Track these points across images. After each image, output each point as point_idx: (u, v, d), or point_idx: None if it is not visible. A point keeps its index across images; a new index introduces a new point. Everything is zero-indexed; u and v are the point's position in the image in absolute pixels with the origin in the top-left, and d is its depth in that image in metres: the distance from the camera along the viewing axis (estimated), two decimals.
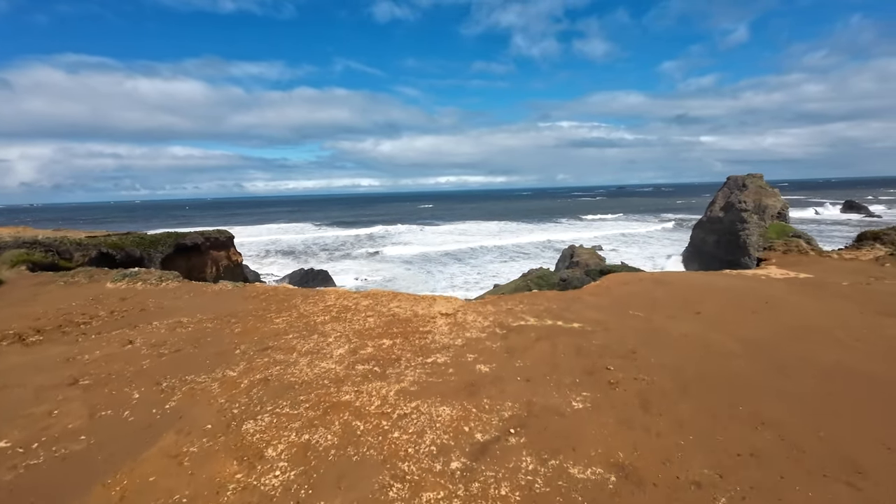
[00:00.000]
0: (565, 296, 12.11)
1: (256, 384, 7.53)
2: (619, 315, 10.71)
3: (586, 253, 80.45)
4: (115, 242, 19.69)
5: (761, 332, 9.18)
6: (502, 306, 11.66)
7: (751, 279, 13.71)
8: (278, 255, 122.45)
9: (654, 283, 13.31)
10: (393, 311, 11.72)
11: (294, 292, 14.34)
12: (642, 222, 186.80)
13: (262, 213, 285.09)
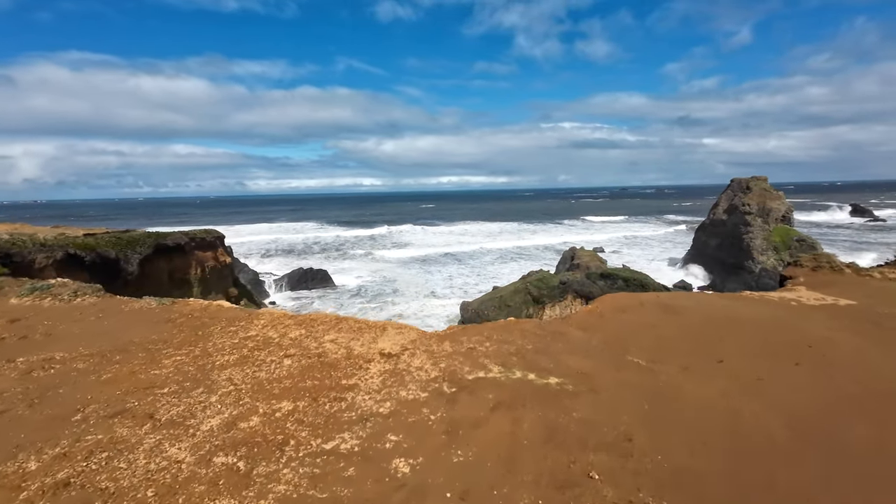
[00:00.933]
0: (546, 329, 9.28)
1: (46, 494, 4.78)
2: (613, 363, 7.84)
3: (587, 255, 77.30)
4: (85, 243, 17.10)
5: (813, 401, 6.29)
6: (463, 344, 8.82)
7: (779, 306, 10.81)
8: (279, 254, 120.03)
9: (661, 309, 10.44)
10: (322, 349, 8.91)
11: (221, 315, 11.58)
12: (644, 224, 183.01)
13: (263, 211, 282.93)
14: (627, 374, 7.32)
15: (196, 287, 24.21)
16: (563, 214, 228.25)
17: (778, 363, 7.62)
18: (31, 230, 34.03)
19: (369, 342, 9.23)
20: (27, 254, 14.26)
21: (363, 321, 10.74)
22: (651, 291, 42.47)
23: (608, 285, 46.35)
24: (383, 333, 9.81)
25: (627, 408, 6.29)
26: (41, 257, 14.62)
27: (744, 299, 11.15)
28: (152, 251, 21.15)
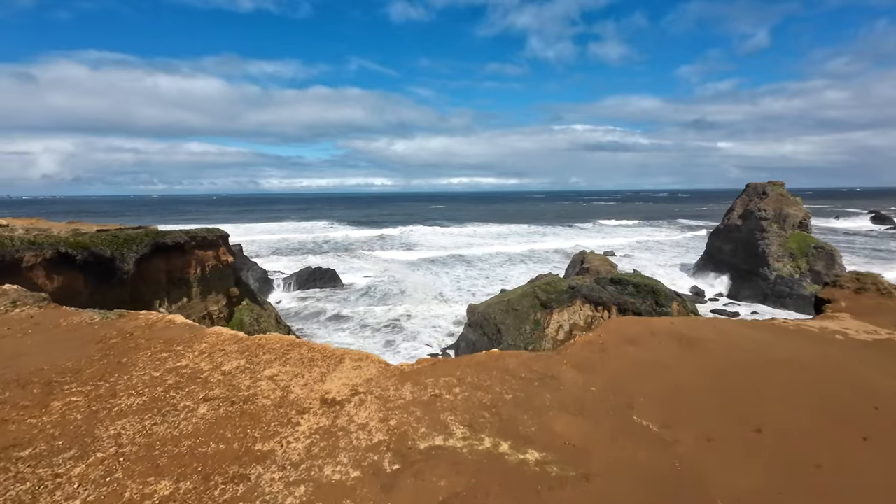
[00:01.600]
0: (534, 368, 7.35)
1: None
2: (615, 428, 5.86)
3: (597, 259, 74.74)
4: (77, 241, 15.66)
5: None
6: (427, 389, 6.92)
7: (822, 341, 8.68)
8: (288, 253, 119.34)
9: (676, 342, 8.42)
10: (254, 390, 7.09)
11: (163, 336, 9.86)
12: (656, 228, 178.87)
13: (275, 210, 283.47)
14: (632, 448, 5.34)
15: (195, 287, 22.74)
16: (573, 217, 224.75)
17: (839, 436, 5.55)
18: (46, 225, 32.96)
19: (315, 381, 7.40)
20: (14, 252, 12.73)
21: (319, 349, 8.90)
22: (664, 301, 40.12)
23: (618, 291, 44.02)
24: (337, 367, 7.96)
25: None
26: (29, 255, 13.18)
27: (777, 330, 9.00)
28: (149, 250, 19.65)
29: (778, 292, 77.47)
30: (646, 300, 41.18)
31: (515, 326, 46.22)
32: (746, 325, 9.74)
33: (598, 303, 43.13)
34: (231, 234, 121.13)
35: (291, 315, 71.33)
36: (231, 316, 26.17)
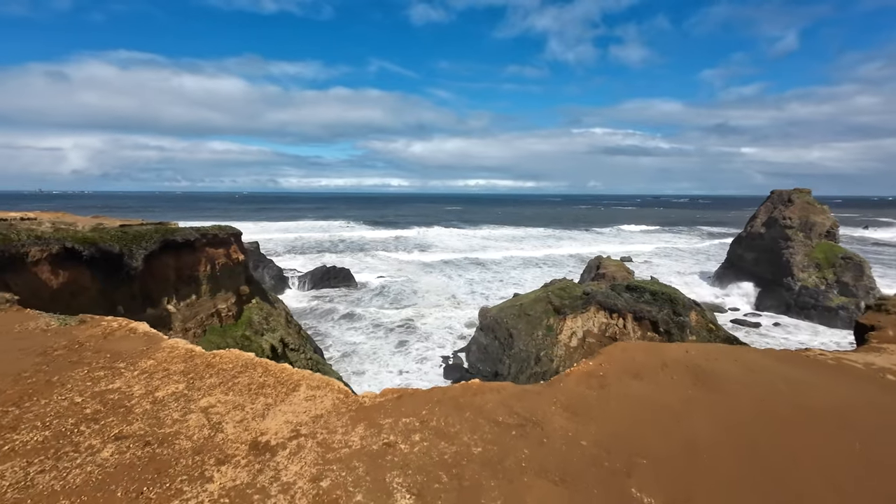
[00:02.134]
0: (516, 409, 5.92)
1: None
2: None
3: (613, 265, 72.38)
4: (84, 237, 15.03)
5: None
6: (381, 434, 5.60)
7: (870, 381, 7.03)
8: (305, 251, 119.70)
9: (692, 379, 6.89)
10: (180, 426, 5.89)
11: (112, 348, 8.80)
12: (676, 234, 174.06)
13: (293, 209, 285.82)
14: None
15: (205, 284, 22.00)
16: (591, 221, 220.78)
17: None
18: (71, 219, 32.89)
19: (256, 415, 6.15)
20: (20, 246, 12.00)
21: (276, 372, 7.67)
22: (681, 310, 37.97)
23: (634, 298, 41.98)
24: (287, 397, 6.71)
25: None
26: (35, 250, 12.49)
27: (814, 367, 7.38)
28: (159, 247, 18.93)
29: (802, 303, 73.79)
30: (663, 308, 39.10)
31: (528, 331, 44.61)
32: (777, 357, 8.11)
33: (613, 310, 41.23)
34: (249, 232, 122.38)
35: (306, 313, 71.02)
36: (240, 314, 25.38)
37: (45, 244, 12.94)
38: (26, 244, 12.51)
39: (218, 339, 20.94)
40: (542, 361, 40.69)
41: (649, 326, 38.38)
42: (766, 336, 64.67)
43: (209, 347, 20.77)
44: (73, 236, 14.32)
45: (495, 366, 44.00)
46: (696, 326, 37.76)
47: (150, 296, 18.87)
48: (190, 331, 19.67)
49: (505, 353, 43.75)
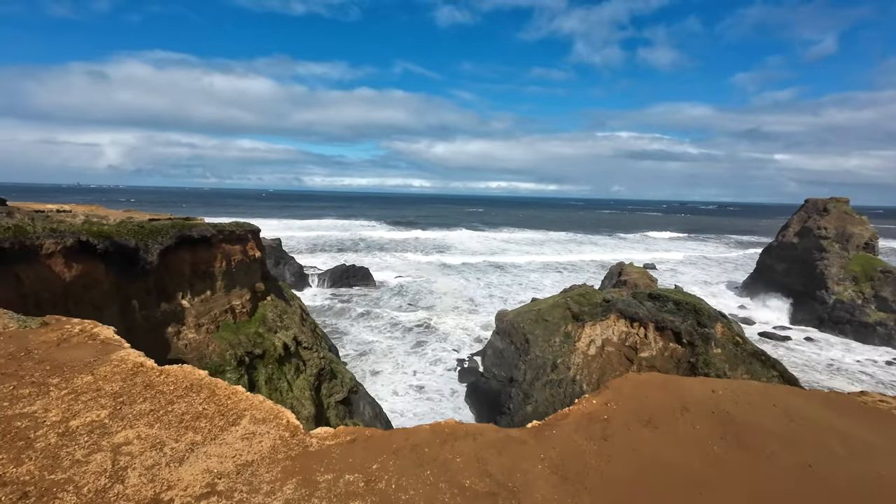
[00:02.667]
0: (490, 468, 5.03)
1: None
2: None
3: (636, 272, 70.55)
4: (100, 231, 15.20)
5: None
6: (313, 499, 4.96)
7: None
8: (325, 250, 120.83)
9: (721, 431, 5.95)
10: (72, 472, 5.00)
11: (51, 359, 8.10)
12: (703, 242, 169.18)
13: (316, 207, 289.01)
14: None
15: (220, 280, 22.12)
16: (614, 227, 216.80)
17: None
18: (104, 212, 33.72)
19: (173, 459, 5.26)
20: (35, 238, 12.13)
21: (222, 398, 6.76)
22: (706, 321, 36.46)
23: (657, 307, 40.59)
24: (221, 434, 5.98)
25: None
26: (49, 243, 12.63)
27: (876, 418, 6.37)
28: (174, 242, 19.04)
29: (836, 318, 70.40)
30: (686, 319, 37.66)
31: (544, 338, 43.66)
32: (825, 402, 7.08)
33: (634, 319, 39.95)
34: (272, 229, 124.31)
35: (324, 311, 71.52)
36: (255, 311, 25.38)
37: (60, 237, 12.98)
38: (41, 236, 12.55)
39: (231, 335, 20.95)
40: (559, 369, 39.71)
41: (672, 337, 37.01)
42: (794, 350, 61.93)
43: (222, 344, 20.80)
44: (88, 230, 14.37)
45: (510, 371, 43.19)
46: (722, 339, 36.24)
47: (165, 290, 18.96)
48: (203, 326, 19.70)
49: (521, 358, 42.90)
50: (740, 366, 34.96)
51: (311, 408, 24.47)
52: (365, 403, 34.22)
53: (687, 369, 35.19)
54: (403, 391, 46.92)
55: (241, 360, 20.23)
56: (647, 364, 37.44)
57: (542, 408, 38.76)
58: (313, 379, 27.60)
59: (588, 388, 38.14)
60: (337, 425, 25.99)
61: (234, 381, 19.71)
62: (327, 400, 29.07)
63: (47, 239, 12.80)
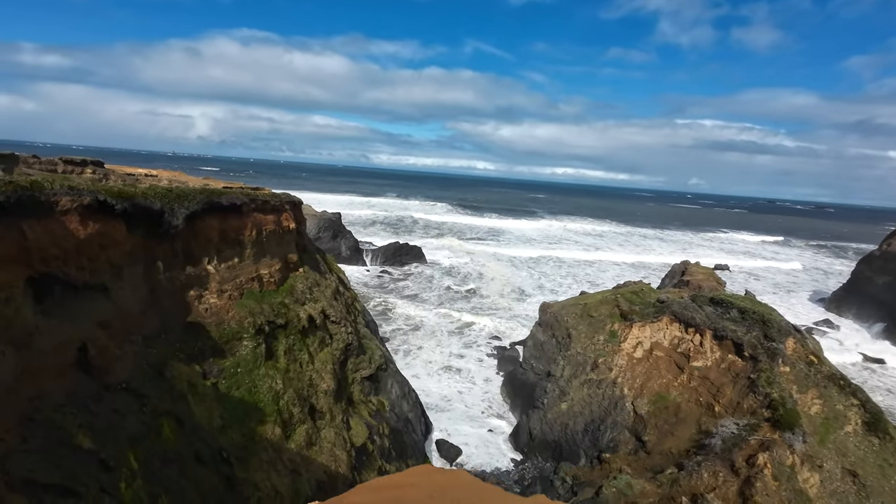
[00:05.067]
0: None
1: None
2: None
3: (702, 273, 64.56)
4: (120, 191, 15.72)
5: None
6: None
7: None
8: (384, 226, 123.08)
9: None
10: None
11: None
12: (789, 246, 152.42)
13: (380, 184, 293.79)
14: None
15: (249, 248, 22.62)
16: (687, 223, 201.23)
17: None
18: (185, 178, 36.16)
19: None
20: (51, 194, 12.64)
21: None
22: (775, 335, 32.07)
23: (718, 314, 36.65)
24: None
25: None
26: (65, 200, 13.12)
27: None
28: (201, 207, 19.45)
29: None
30: (752, 330, 33.56)
31: (588, 334, 41.12)
32: None
33: (689, 324, 36.34)
34: (336, 204, 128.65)
35: (374, 286, 72.92)
36: (284, 281, 25.69)
37: (77, 194, 13.26)
38: (58, 192, 12.82)
39: (253, 303, 21.20)
40: (600, 369, 37.27)
41: (731, 348, 33.22)
42: (887, 376, 53.97)
43: (242, 311, 21.08)
44: (108, 190, 14.65)
45: (549, 365, 41.28)
46: (793, 356, 31.93)
47: (192, 254, 19.39)
48: (226, 293, 20.03)
49: (560, 353, 40.81)
50: (811, 388, 30.61)
51: (331, 381, 24.51)
52: (393, 382, 34.13)
53: (746, 386, 31.42)
54: (438, 372, 46.66)
55: (261, 328, 20.44)
56: (699, 374, 33.98)
57: (577, 407, 36.70)
58: (339, 353, 27.68)
59: (629, 392, 35.44)
60: (360, 401, 25.85)
61: (250, 350, 19.97)
62: (352, 375, 29.15)
63: (64, 196, 13.11)
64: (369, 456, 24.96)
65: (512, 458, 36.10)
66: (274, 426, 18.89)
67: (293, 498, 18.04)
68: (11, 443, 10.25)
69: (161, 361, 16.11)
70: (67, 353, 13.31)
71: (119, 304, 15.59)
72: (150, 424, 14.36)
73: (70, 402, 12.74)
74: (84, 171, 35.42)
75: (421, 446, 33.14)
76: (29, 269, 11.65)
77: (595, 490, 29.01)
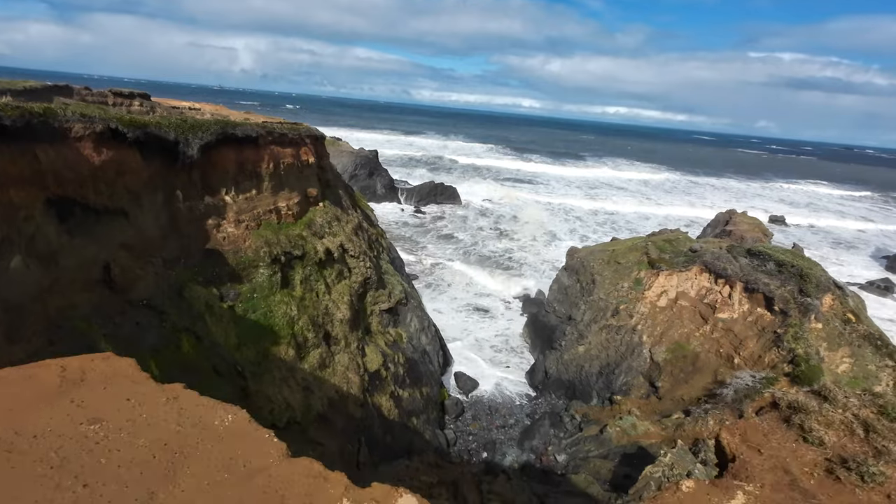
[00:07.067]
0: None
1: None
2: None
3: (747, 222, 60.68)
4: (132, 120, 16.42)
5: None
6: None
7: None
8: (420, 165, 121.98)
9: None
10: None
11: None
12: (858, 201, 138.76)
13: (420, 122, 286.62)
14: None
15: (267, 181, 23.29)
16: (748, 171, 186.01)
17: None
18: (227, 112, 37.06)
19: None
20: (64, 121, 13.41)
21: None
22: (811, 290, 30.17)
23: (753, 266, 34.82)
24: None
25: None
26: (78, 126, 13.85)
27: None
28: (216, 139, 20.01)
29: None
30: (787, 284, 31.78)
31: (612, 280, 40.40)
32: None
33: (720, 275, 34.82)
34: (374, 142, 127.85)
35: (406, 224, 73.92)
36: (303, 214, 26.43)
37: (89, 122, 13.82)
38: (70, 120, 13.41)
39: (270, 234, 22.10)
40: (621, 315, 36.89)
41: (762, 302, 31.77)
42: None
43: (258, 241, 22.09)
44: (121, 119, 15.19)
45: (570, 309, 41.27)
46: (828, 313, 30.19)
47: (210, 185, 20.17)
48: (243, 223, 20.93)
49: (583, 298, 40.54)
50: (842, 347, 29.15)
51: (346, 311, 25.73)
52: (413, 316, 35.37)
53: (770, 340, 30.30)
54: (462, 309, 47.82)
55: (277, 258, 21.46)
56: (723, 326, 33.02)
57: (594, 350, 36.96)
58: (357, 286, 28.76)
59: (648, 339, 35.15)
60: (377, 331, 27.12)
61: (266, 277, 21.13)
62: (371, 307, 30.40)
63: (77, 123, 13.74)
64: (382, 381, 26.57)
65: (527, 393, 37.32)
66: (288, 348, 20.35)
67: (304, 412, 19.75)
68: (38, 344, 11.71)
69: (180, 283, 17.44)
70: (92, 270, 14.64)
71: (140, 228, 16.73)
72: (169, 338, 15.86)
73: (96, 314, 14.20)
74: (132, 103, 36.68)
75: (437, 377, 34.80)
76: (45, 191, 12.60)
77: (600, 428, 29.87)
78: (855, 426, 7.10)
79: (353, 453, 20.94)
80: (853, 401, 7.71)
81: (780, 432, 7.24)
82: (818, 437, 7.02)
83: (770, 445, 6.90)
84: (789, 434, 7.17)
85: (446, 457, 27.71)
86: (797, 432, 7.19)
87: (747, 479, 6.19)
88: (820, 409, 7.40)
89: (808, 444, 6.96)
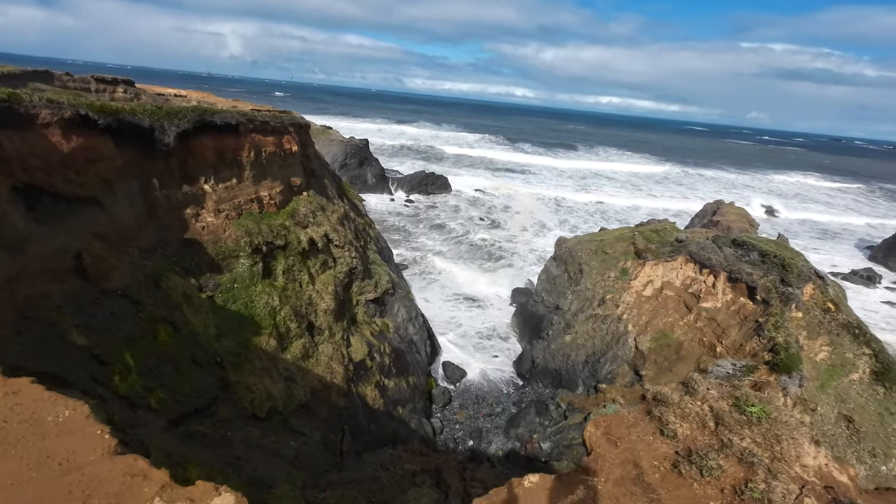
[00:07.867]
0: None
1: None
2: None
3: (734, 213, 61.09)
4: (102, 106, 15.88)
5: None
6: None
7: None
8: (412, 155, 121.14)
9: None
10: None
11: None
12: (846, 192, 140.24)
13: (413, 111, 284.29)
14: None
15: (248, 170, 22.87)
16: (739, 162, 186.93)
17: None
18: (214, 100, 36.27)
19: None
20: (31, 107, 12.99)
21: None
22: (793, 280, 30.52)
23: (737, 255, 35.09)
24: None
25: None
26: (45, 112, 13.41)
27: None
28: (193, 126, 19.56)
29: None
30: (769, 274, 32.08)
31: (599, 270, 40.60)
32: None
33: (705, 264, 35.06)
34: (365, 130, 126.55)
35: (397, 214, 73.57)
36: (286, 204, 26.11)
37: (57, 108, 13.44)
38: (37, 105, 13.05)
39: (251, 224, 21.82)
40: (606, 305, 37.11)
41: (744, 291, 32.07)
42: None
43: (239, 230, 21.82)
44: (91, 105, 14.79)
45: (558, 299, 41.47)
46: (808, 302, 30.56)
47: (189, 173, 19.82)
48: (223, 213, 20.63)
49: (570, 287, 40.73)
50: (822, 335, 29.57)
51: (331, 302, 25.59)
52: (400, 306, 35.31)
53: (752, 329, 30.68)
54: (450, 299, 47.85)
55: (258, 248, 21.23)
56: (706, 315, 33.33)
57: (580, 339, 37.20)
58: (342, 276, 28.59)
59: (633, 328, 35.42)
60: (363, 321, 26.98)
61: (247, 267, 20.91)
62: (357, 297, 30.27)
63: (43, 109, 13.36)
64: (367, 371, 26.56)
65: (514, 382, 37.57)
66: (269, 338, 20.22)
67: (286, 402, 19.70)
68: (6, 335, 11.50)
69: (157, 273, 17.19)
70: (64, 259, 14.35)
71: (114, 217, 16.41)
72: (146, 328, 15.66)
73: (67, 303, 13.97)
74: (115, 89, 35.82)
75: (424, 366, 34.89)
76: (10, 177, 12.27)
77: (584, 416, 30.20)
78: (707, 419, 7.20)
79: (337, 442, 20.97)
80: (713, 392, 7.79)
81: (642, 425, 7.41)
82: (673, 430, 7.12)
83: (629, 439, 7.07)
84: (649, 427, 7.36)
85: (431, 445, 27.90)
86: (656, 425, 7.36)
87: (597, 472, 6.39)
88: (681, 401, 7.49)
89: (665, 437, 7.08)
